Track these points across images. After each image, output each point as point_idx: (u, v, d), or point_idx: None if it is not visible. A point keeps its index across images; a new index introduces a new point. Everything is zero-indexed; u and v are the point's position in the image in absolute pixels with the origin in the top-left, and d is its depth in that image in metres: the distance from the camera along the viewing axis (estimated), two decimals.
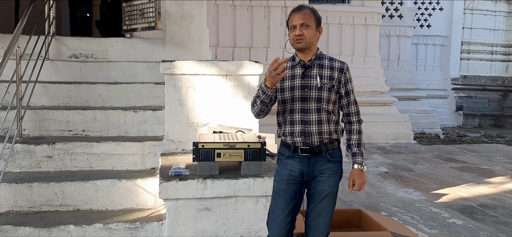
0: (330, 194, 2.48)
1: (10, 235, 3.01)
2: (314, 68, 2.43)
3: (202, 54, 4.82)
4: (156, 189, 3.35)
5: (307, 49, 2.41)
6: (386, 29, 11.75)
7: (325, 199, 2.47)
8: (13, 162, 3.58)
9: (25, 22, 3.83)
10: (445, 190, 5.59)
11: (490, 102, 13.72)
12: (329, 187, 2.47)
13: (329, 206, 2.50)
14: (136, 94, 4.33)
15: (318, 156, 2.44)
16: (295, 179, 2.47)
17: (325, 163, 2.45)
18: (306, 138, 2.41)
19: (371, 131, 9.25)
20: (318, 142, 2.42)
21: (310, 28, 2.38)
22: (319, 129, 2.41)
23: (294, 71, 2.45)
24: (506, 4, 13.74)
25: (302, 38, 2.37)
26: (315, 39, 2.42)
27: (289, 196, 2.48)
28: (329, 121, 2.44)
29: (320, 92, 2.40)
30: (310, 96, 2.41)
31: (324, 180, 2.46)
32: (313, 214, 2.50)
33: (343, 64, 2.48)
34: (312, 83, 2.41)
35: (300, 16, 2.38)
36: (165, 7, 4.77)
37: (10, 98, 3.64)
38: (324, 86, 2.41)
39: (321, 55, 2.48)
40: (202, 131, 3.78)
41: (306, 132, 2.41)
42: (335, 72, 2.44)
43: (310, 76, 2.42)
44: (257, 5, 8.58)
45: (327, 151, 2.44)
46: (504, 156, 8.24)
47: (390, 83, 10.99)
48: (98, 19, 7.10)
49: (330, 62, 2.46)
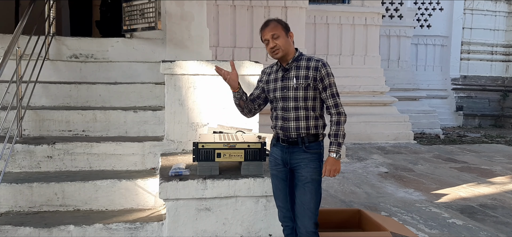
0: (311, 181, 2.64)
1: (10, 235, 3.01)
2: (292, 70, 2.68)
3: (202, 54, 4.82)
4: (156, 189, 3.35)
5: (285, 55, 2.67)
6: (386, 29, 11.75)
7: (307, 184, 2.64)
8: (13, 162, 3.58)
9: (25, 22, 3.83)
10: (445, 190, 5.59)
11: (490, 102, 13.72)
12: (308, 173, 2.64)
13: (312, 192, 2.64)
14: (136, 94, 4.33)
15: (295, 147, 2.67)
16: (279, 166, 2.76)
17: (301, 153, 2.66)
18: (285, 132, 2.68)
19: (371, 131, 9.25)
20: (295, 136, 2.66)
21: (280, 37, 2.63)
22: (297, 124, 2.65)
23: (277, 75, 2.75)
24: (506, 4, 13.74)
25: (278, 49, 2.63)
26: (288, 44, 2.67)
27: (280, 178, 2.78)
28: (308, 117, 2.65)
29: (296, 92, 2.64)
30: (288, 96, 2.66)
31: (302, 168, 2.65)
32: (298, 201, 2.68)
33: (318, 62, 2.65)
34: (289, 84, 2.66)
35: (269, 29, 2.64)
36: (165, 7, 4.77)
37: (10, 98, 3.64)
38: (299, 86, 2.63)
39: (299, 57, 2.70)
40: (202, 131, 3.78)
41: (285, 127, 2.68)
42: (311, 71, 2.63)
43: (288, 78, 2.68)
44: (257, 5, 8.58)
45: (304, 143, 2.65)
46: (504, 156, 8.24)
47: (390, 83, 10.99)
48: (98, 19, 7.10)
49: (307, 62, 2.67)
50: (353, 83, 9.67)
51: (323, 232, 2.87)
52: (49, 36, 4.57)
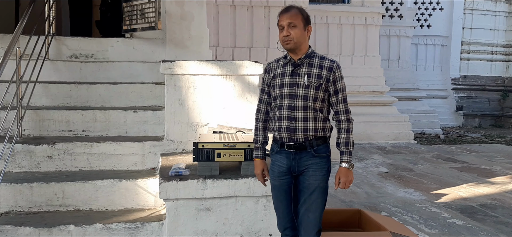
0: (318, 188, 2.50)
1: (10, 235, 3.01)
2: (303, 67, 2.49)
3: (202, 54, 4.82)
4: (156, 189, 3.35)
5: (296, 49, 2.47)
6: (386, 29, 11.74)
7: (313, 193, 2.50)
8: (13, 162, 3.58)
9: (25, 22, 3.83)
10: (445, 190, 5.59)
11: (490, 102, 13.72)
12: (316, 182, 2.49)
13: (318, 201, 2.51)
14: (136, 94, 4.33)
15: (303, 152, 2.50)
16: (284, 174, 2.56)
17: (310, 158, 2.49)
18: (292, 134, 2.48)
19: (371, 131, 9.25)
20: (302, 139, 2.47)
21: (297, 28, 2.43)
22: (305, 126, 2.46)
23: (285, 69, 2.53)
24: (506, 4, 13.74)
25: (290, 39, 2.43)
26: (303, 38, 2.47)
27: (283, 190, 2.59)
28: (316, 118, 2.48)
29: (307, 90, 2.46)
30: (297, 94, 2.47)
31: (310, 175, 2.50)
32: (303, 209, 2.53)
33: (333, 63, 2.51)
34: (300, 81, 2.47)
35: (288, 16, 2.44)
36: (165, 7, 4.78)
37: (10, 98, 3.64)
38: (311, 84, 2.46)
39: (312, 54, 2.52)
40: (202, 131, 3.78)
41: (292, 128, 2.47)
42: (324, 71, 2.47)
43: (298, 74, 2.48)
44: (257, 5, 8.58)
45: (312, 147, 2.49)
46: (504, 156, 8.24)
47: (390, 83, 10.98)
48: (98, 19, 7.10)
49: (320, 61, 2.50)
50: (353, 83, 9.65)
51: (323, 232, 2.87)
52: (49, 36, 4.58)
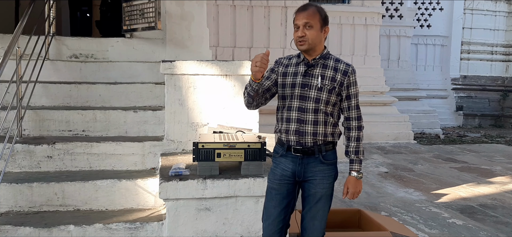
0: (325, 196, 2.44)
1: (10, 235, 3.01)
2: (317, 68, 2.39)
3: (202, 54, 4.82)
4: (156, 189, 3.35)
5: (311, 50, 2.37)
6: (386, 29, 11.75)
7: (319, 201, 2.44)
8: (13, 162, 3.58)
9: (25, 22, 3.82)
10: (445, 190, 5.59)
11: (490, 102, 13.73)
12: (323, 190, 2.43)
13: (324, 209, 2.46)
14: (136, 94, 4.33)
15: (310, 157, 2.40)
16: (287, 179, 2.46)
17: (318, 165, 2.41)
18: (300, 137, 2.38)
19: (371, 131, 9.24)
20: (311, 143, 2.38)
21: (313, 28, 2.32)
22: (314, 129, 2.37)
23: (297, 69, 2.42)
24: (506, 4, 13.74)
25: (305, 40, 2.32)
26: (319, 40, 2.36)
27: (281, 195, 2.47)
28: (326, 123, 2.39)
29: (319, 93, 2.36)
30: (309, 96, 2.37)
31: (317, 183, 2.42)
32: (308, 216, 2.48)
33: (348, 67, 2.41)
34: (312, 82, 2.37)
35: (304, 15, 2.32)
36: (165, 7, 4.77)
37: (10, 98, 3.64)
38: (324, 87, 2.36)
39: (327, 55, 2.43)
40: (202, 131, 3.78)
41: (301, 131, 2.37)
42: (338, 74, 2.38)
43: (311, 75, 2.38)
44: (257, 5, 8.58)
45: (320, 152, 2.40)
46: (504, 156, 8.24)
47: (390, 83, 10.99)
48: (98, 19, 7.11)
49: (335, 63, 2.41)
50: None
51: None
52: (49, 36, 4.57)
